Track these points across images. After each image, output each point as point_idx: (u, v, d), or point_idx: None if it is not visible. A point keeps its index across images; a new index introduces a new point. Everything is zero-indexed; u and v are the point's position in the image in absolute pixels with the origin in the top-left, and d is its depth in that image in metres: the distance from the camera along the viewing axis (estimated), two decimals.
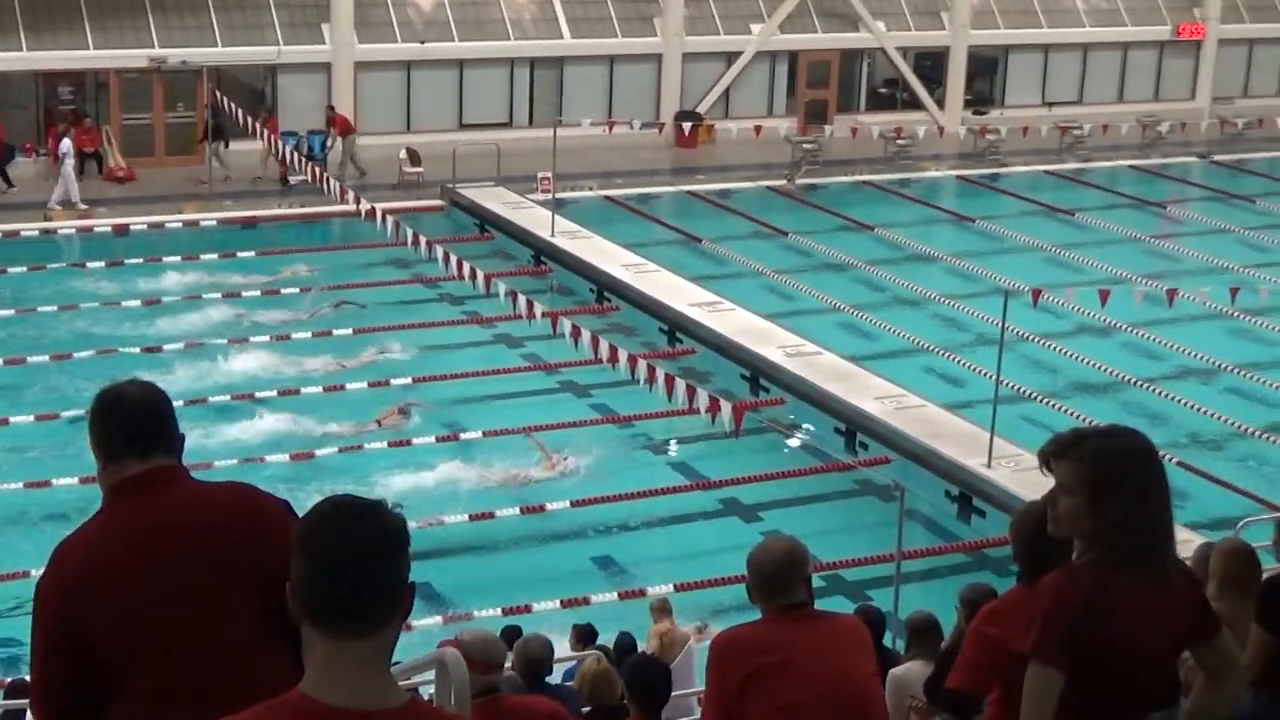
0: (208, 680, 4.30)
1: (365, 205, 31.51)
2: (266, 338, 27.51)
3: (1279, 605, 6.46)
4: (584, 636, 14.92)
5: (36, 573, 4.62)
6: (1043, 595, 5.02)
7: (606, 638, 15.16)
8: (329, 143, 37.75)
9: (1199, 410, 25.21)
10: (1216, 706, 5.14)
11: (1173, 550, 5.02)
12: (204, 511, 4.53)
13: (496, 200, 35.68)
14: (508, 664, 10.05)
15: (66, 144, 35.04)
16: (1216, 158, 44.14)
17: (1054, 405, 25.23)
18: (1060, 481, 5.06)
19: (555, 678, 11.95)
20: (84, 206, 34.54)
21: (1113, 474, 4.93)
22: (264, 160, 36.95)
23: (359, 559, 3.57)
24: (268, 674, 4.12)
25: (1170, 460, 5.06)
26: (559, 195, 34.60)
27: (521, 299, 26.46)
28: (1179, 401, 25.63)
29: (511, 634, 15.14)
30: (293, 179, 36.20)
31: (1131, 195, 39.93)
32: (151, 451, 4.58)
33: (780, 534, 6.57)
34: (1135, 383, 26.53)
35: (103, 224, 33.92)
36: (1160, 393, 26.04)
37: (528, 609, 18.00)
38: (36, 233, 33.48)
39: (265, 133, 35.58)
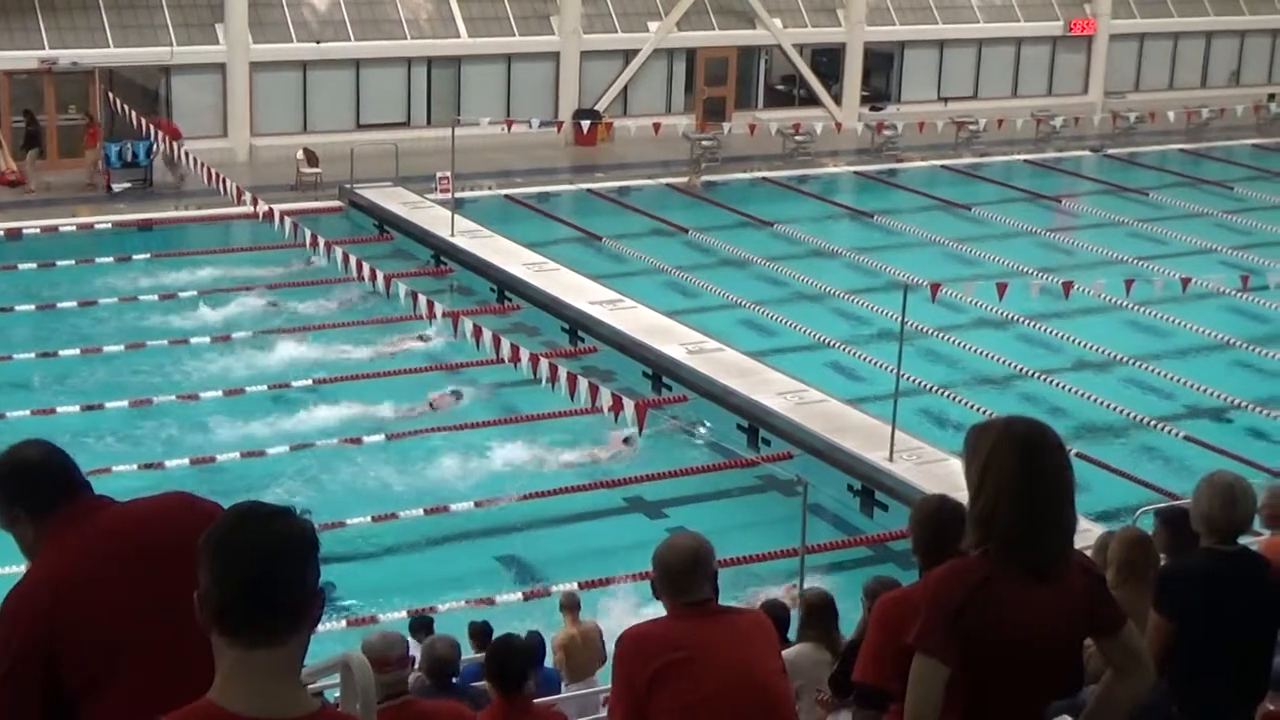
0: (180, 686, 4.30)
1: (263, 207, 31.27)
2: (164, 341, 27.24)
3: (1176, 592, 6.53)
4: (479, 634, 14.83)
5: None
6: (929, 586, 5.05)
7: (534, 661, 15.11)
8: (154, 149, 36.45)
9: (1096, 401, 25.49)
10: (1122, 698, 5.17)
11: (1065, 544, 5.01)
12: (146, 524, 4.75)
13: (395, 200, 35.49)
14: (415, 669, 10.01)
15: None
16: (1109, 151, 44.69)
17: (954, 398, 25.46)
18: None
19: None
20: None
21: (989, 460, 4.96)
22: (91, 168, 36.37)
23: (266, 567, 3.54)
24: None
25: (1068, 451, 5.14)
26: (458, 195, 34.48)
27: (422, 299, 26.35)
28: (1076, 393, 25.90)
29: (423, 624, 15.12)
30: (116, 186, 35.63)
31: (1026, 189, 40.34)
32: (74, 494, 4.84)
33: (685, 530, 6.56)
34: (1033, 375, 26.79)
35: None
36: (1058, 384, 26.32)
37: (433, 610, 17.91)
38: None
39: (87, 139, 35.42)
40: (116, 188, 35.74)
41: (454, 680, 10.71)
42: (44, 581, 4.62)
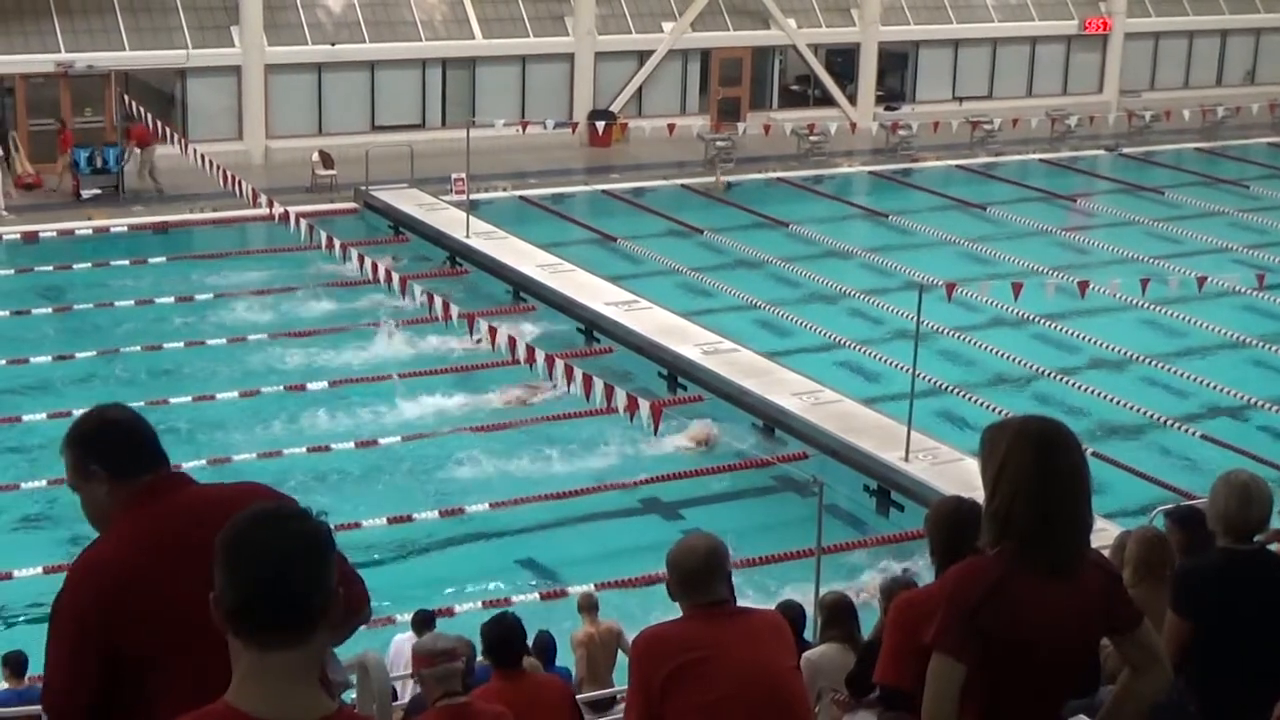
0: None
1: (278, 209, 31.32)
2: (180, 344, 27.30)
3: (1192, 590, 6.52)
4: (422, 623, 14.80)
5: None
6: (946, 585, 5.05)
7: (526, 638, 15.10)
8: (126, 155, 36.31)
9: (1112, 400, 25.45)
10: (1139, 697, 5.17)
11: (1082, 543, 5.01)
12: (220, 509, 4.55)
13: (410, 202, 35.52)
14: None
15: None
16: (1124, 150, 44.60)
17: (970, 398, 25.42)
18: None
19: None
20: (6, 214, 34.20)
21: (1006, 460, 4.96)
22: (60, 173, 36.11)
23: (281, 568, 3.54)
24: None
25: (1084, 450, 5.12)
26: (473, 196, 34.50)
27: (438, 300, 26.38)
28: (1092, 392, 25.86)
29: (424, 620, 15.10)
30: (85, 193, 35.39)
31: (1042, 188, 40.28)
32: (157, 465, 4.81)
33: (700, 531, 6.57)
34: (1049, 374, 26.75)
35: (10, 231, 33.50)
36: (1074, 384, 26.29)
37: (450, 612, 17.93)
38: None
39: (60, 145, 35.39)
40: (85, 194, 35.39)
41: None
42: (114, 553, 4.59)
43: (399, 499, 21.84)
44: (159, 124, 35.32)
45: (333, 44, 39.94)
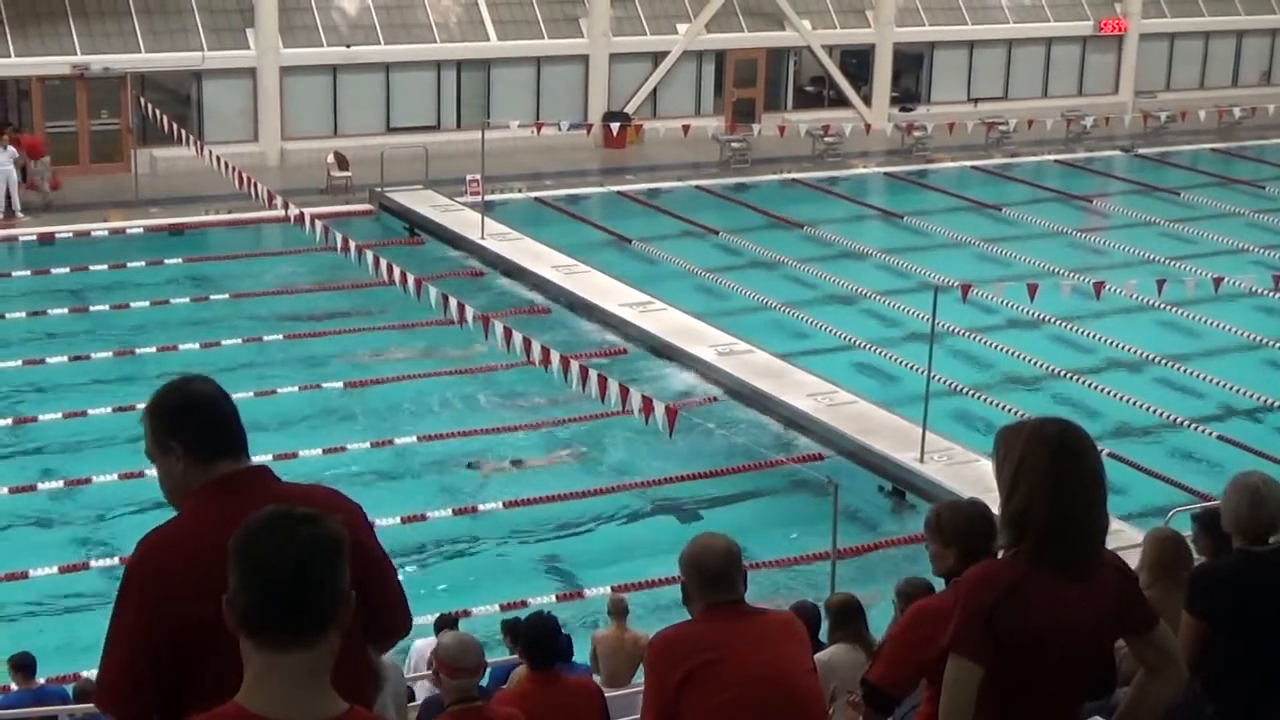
0: None
1: (294, 210, 31.33)
2: (196, 345, 27.34)
3: (1209, 591, 6.51)
4: (446, 627, 14.82)
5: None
6: (961, 588, 5.05)
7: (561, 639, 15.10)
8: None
9: (1128, 401, 25.41)
10: (1155, 698, 5.16)
11: (1098, 544, 5.02)
12: None
13: (425, 203, 35.57)
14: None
15: (10, 152, 34.59)
16: (1140, 151, 44.51)
17: (985, 399, 25.40)
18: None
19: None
20: (22, 215, 34.21)
21: (1022, 461, 4.96)
22: None
23: (292, 570, 3.54)
24: (350, 671, 4.16)
25: (1100, 452, 5.10)
26: (488, 197, 34.53)
27: (453, 302, 26.36)
28: (1108, 393, 25.82)
29: (448, 624, 15.12)
30: None
31: (1057, 189, 40.23)
32: (238, 452, 4.70)
33: (713, 531, 6.57)
34: (1065, 375, 26.72)
35: (28, 233, 33.59)
36: (1090, 385, 26.25)
37: (466, 614, 17.94)
38: None
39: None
40: None
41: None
42: (180, 538, 4.50)
43: (414, 499, 21.85)
44: (174, 125, 35.34)
45: (348, 46, 40.00)
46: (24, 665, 14.66)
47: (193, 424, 4.66)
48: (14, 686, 14.84)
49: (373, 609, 4.67)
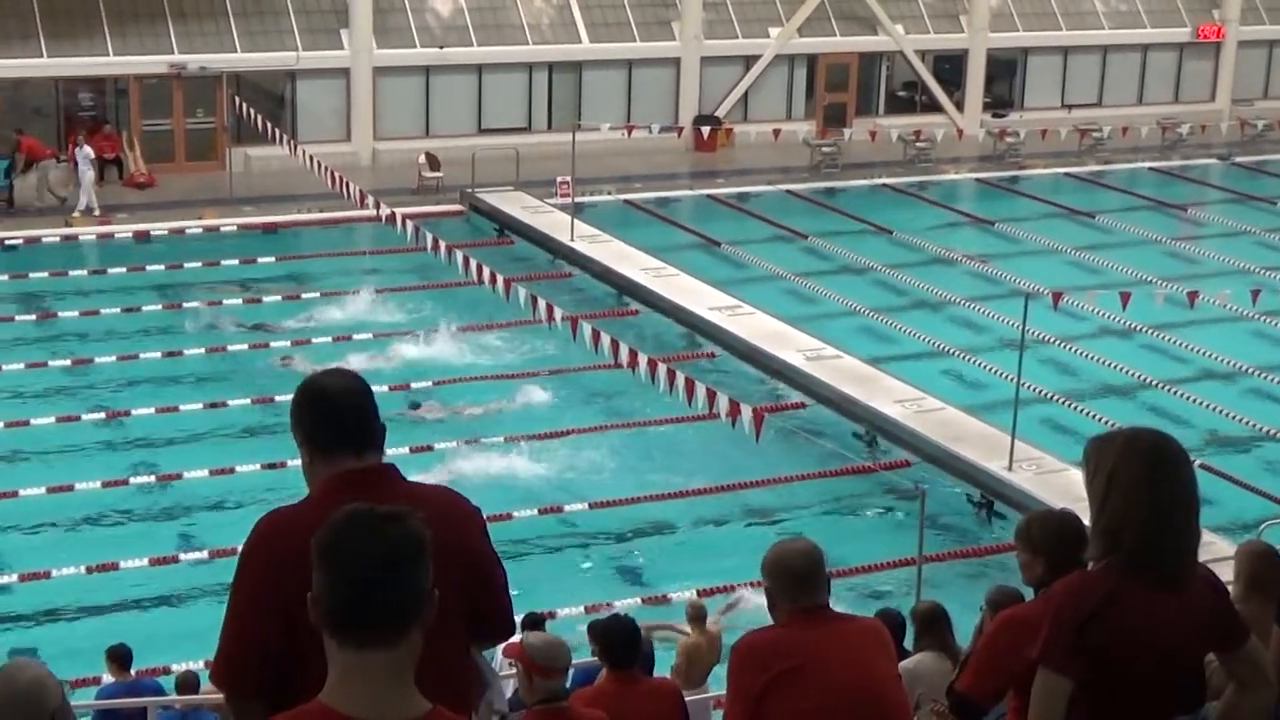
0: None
1: (385, 210, 31.56)
2: (287, 343, 27.57)
3: None
4: (117, 658, 15.02)
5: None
6: (1052, 600, 5.00)
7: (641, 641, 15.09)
8: (15, 167, 35.47)
9: (1220, 412, 25.13)
10: (1245, 713, 5.09)
11: (1191, 557, 4.95)
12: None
13: (515, 205, 35.70)
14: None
15: (85, 151, 35.02)
16: (1236, 159, 44.02)
17: (1075, 408, 25.18)
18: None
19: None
20: (99, 214, 34.56)
21: (1115, 472, 4.90)
22: None
23: (377, 569, 3.55)
24: (453, 672, 4.22)
25: (1193, 463, 5.04)
26: (578, 199, 34.60)
27: (541, 303, 26.46)
28: (1200, 404, 25.55)
29: (534, 624, 15.11)
30: None
31: (1151, 197, 39.84)
32: (365, 448, 4.69)
33: (797, 536, 6.54)
34: (1156, 385, 26.45)
35: (123, 230, 34.00)
36: (1181, 395, 25.96)
37: (552, 615, 17.95)
38: (58, 239, 33.57)
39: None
40: None
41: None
42: (299, 523, 4.42)
43: (499, 498, 21.89)
44: (268, 124, 35.66)
45: (441, 47, 40.21)
46: (119, 656, 14.84)
47: (313, 418, 4.72)
48: (108, 678, 15.02)
49: (479, 611, 4.69)
